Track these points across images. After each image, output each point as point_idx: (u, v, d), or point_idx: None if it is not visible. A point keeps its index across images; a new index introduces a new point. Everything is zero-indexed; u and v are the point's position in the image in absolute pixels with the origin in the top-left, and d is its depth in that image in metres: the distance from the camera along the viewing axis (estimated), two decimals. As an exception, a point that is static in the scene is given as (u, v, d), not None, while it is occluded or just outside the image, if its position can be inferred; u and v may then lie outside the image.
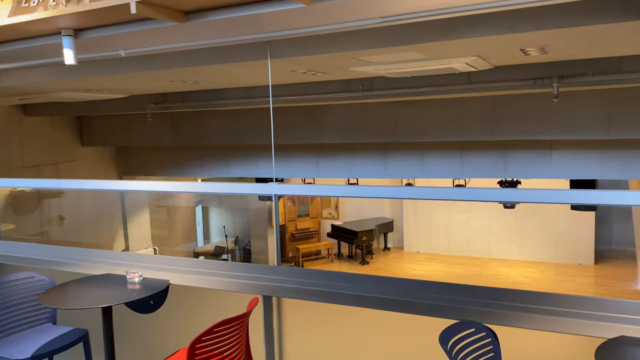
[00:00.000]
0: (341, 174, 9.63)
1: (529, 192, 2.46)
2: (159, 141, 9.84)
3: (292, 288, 2.82)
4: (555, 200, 2.41)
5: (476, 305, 2.46)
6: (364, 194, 2.75)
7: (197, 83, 5.64)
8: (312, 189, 3.03)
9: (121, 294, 3.07)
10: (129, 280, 3.14)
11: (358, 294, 2.69)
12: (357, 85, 5.87)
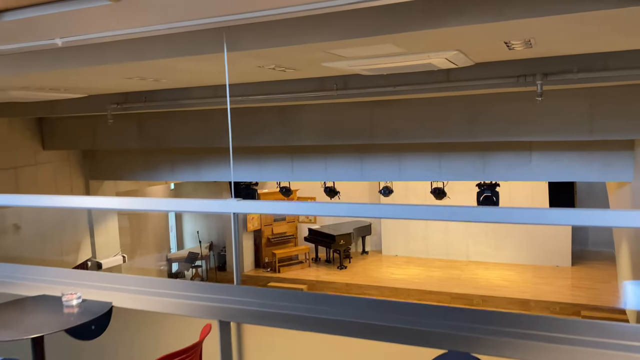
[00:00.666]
0: (317, 177, 9.29)
1: (524, 211, 2.17)
2: (124, 144, 9.35)
3: (255, 312, 2.45)
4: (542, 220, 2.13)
5: (464, 330, 2.14)
6: (333, 212, 2.43)
7: (159, 81, 5.24)
8: (275, 206, 2.68)
9: (56, 320, 2.66)
10: (66, 303, 2.73)
11: (331, 319, 2.34)
12: (331, 84, 5.55)
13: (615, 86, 5.75)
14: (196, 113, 8.32)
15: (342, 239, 15.53)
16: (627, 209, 7.71)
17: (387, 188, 12.10)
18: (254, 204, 2.76)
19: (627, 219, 2.08)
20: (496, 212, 2.19)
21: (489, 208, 2.24)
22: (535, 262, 14.91)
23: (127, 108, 6.85)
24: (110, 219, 12.13)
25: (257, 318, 2.42)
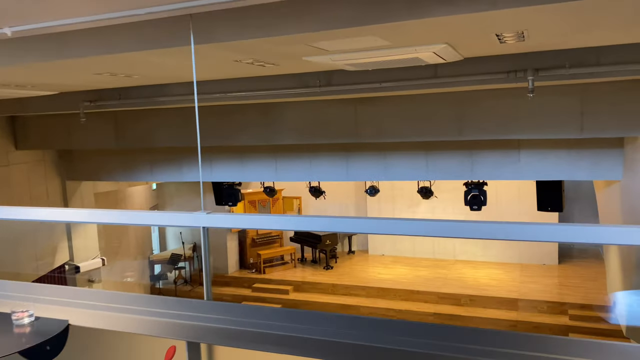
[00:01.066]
0: (301, 176, 9.05)
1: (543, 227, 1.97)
2: (101, 144, 9.00)
3: (227, 331, 2.20)
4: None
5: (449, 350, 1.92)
6: (308, 226, 2.20)
7: (131, 77, 4.95)
8: (247, 220, 2.44)
9: (4, 342, 2.37)
10: (16, 322, 2.45)
11: (312, 338, 2.10)
12: (314, 80, 5.31)
13: (607, 83, 5.60)
14: (175, 111, 8.01)
15: (328, 239, 15.32)
16: (615, 208, 7.60)
17: (373, 188, 11.90)
18: (225, 217, 2.51)
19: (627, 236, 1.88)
20: (497, 228, 1.98)
21: (486, 224, 2.03)
22: (522, 261, 14.85)
23: (101, 106, 6.53)
24: (88, 221, 11.74)
25: (230, 338, 2.17)
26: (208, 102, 5.90)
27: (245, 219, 2.46)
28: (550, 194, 8.74)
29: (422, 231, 2.06)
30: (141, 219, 3.11)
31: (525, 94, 6.03)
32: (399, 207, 16.17)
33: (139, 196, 15.38)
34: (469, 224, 2.05)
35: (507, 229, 2.03)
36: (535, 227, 2.02)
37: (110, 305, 2.46)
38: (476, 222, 2.07)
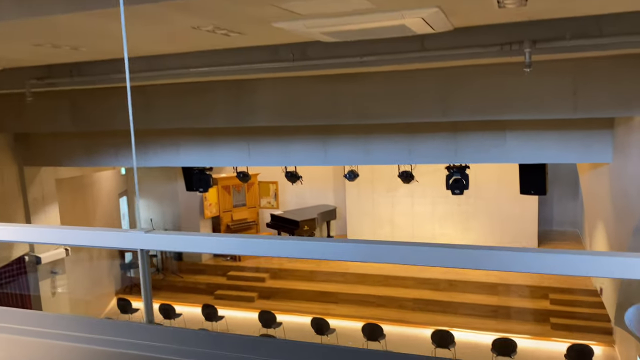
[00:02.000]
0: (276, 161, 8.53)
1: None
2: (57, 126, 8.29)
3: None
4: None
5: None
6: (265, 251, 1.74)
7: (78, 50, 4.33)
8: (193, 241, 1.93)
9: None
10: None
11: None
12: (287, 53, 4.77)
13: (604, 58, 5.23)
14: (135, 90, 7.36)
15: (306, 225, 14.88)
16: (603, 191, 7.33)
17: (352, 172, 11.46)
18: (166, 238, 2.00)
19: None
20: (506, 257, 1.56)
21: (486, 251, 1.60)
22: (502, 244, 14.69)
23: (51, 84, 5.86)
24: (50, 206, 11.01)
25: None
26: (169, 78, 5.31)
27: (189, 240, 1.96)
28: (534, 177, 8.45)
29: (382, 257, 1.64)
30: (58, 237, 2.54)
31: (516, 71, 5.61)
32: (378, 191, 15.82)
33: (106, 182, 14.62)
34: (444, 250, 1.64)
35: (506, 257, 1.60)
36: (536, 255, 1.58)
37: (21, 327, 1.94)
38: (464, 248, 1.65)
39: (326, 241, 1.77)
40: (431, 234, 15.55)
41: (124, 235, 1.93)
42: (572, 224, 16.12)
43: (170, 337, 1.82)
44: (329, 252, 1.71)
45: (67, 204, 11.97)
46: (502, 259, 1.62)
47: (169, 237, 1.99)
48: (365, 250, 1.67)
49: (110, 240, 2.06)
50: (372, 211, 16.08)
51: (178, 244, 2.01)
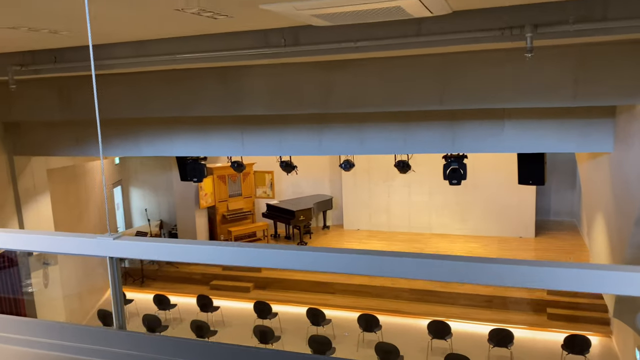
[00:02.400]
0: (271, 150, 8.35)
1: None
2: (46, 115, 8.09)
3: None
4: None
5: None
6: (240, 260, 1.60)
7: (58, 34, 4.13)
8: (164, 249, 1.77)
9: None
10: None
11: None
12: (278, 38, 4.58)
13: (607, 44, 5.06)
14: (124, 77, 7.17)
15: (302, 215, 14.76)
16: (603, 181, 7.19)
17: (348, 162, 11.31)
18: (135, 246, 1.84)
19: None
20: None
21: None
22: (499, 234, 14.63)
23: (35, 71, 5.66)
24: (41, 196, 10.83)
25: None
26: (155, 65, 5.12)
27: (160, 248, 1.80)
28: (532, 167, 8.31)
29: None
30: (19, 242, 2.36)
31: (516, 58, 5.44)
32: (375, 181, 15.69)
33: (99, 172, 14.42)
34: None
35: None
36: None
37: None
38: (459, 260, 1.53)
39: (295, 250, 1.61)
40: (428, 224, 15.46)
41: (91, 242, 1.77)
42: (569, 214, 16.04)
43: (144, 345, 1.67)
44: (297, 262, 1.57)
45: (59, 194, 11.78)
46: (498, 271, 1.48)
47: (140, 244, 1.83)
48: (357, 261, 1.53)
49: (75, 247, 1.89)
50: (368, 201, 15.96)
51: (149, 251, 1.84)
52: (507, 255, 13.18)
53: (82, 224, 13.03)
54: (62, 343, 1.70)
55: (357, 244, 14.91)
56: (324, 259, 1.58)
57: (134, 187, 16.82)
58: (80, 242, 1.85)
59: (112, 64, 5.23)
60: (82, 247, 1.85)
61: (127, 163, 16.60)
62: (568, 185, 15.91)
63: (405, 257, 1.57)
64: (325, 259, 1.57)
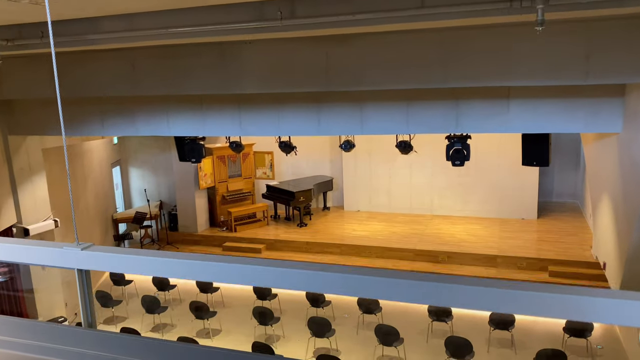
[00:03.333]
0: (269, 130, 8.15)
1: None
2: (38, 92, 7.87)
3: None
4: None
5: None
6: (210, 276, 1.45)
7: (38, 4, 3.90)
8: (134, 262, 1.59)
9: None
10: None
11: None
12: (274, 11, 4.35)
13: (620, 18, 4.82)
14: (117, 53, 6.94)
15: (302, 196, 14.62)
16: (611, 162, 7.00)
17: (348, 142, 11.11)
18: (106, 258, 1.65)
19: None
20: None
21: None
22: (501, 215, 14.49)
23: (22, 46, 5.44)
24: (36, 176, 10.68)
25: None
26: (147, 40, 4.90)
27: (130, 261, 1.62)
28: (537, 148, 8.12)
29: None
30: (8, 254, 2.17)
31: (524, 33, 5.20)
32: (376, 161, 15.49)
33: (98, 152, 14.26)
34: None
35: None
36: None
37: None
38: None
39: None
40: (429, 205, 15.32)
41: (56, 252, 1.59)
42: (572, 195, 15.87)
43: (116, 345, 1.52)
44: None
45: (55, 174, 11.63)
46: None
47: (110, 256, 1.65)
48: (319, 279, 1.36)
49: (38, 257, 1.71)
50: (369, 182, 15.80)
51: (119, 264, 1.66)
52: (508, 236, 13.07)
53: (80, 204, 12.92)
54: (28, 342, 1.55)
55: (357, 225, 14.80)
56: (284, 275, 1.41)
57: (133, 167, 16.66)
58: (44, 252, 1.66)
59: (101, 39, 5.02)
60: (47, 258, 1.67)
61: (126, 143, 16.41)
62: (571, 166, 15.71)
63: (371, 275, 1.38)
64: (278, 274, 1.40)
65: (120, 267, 1.62)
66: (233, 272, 1.48)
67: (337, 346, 9.72)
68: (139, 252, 1.58)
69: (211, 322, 10.64)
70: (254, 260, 1.56)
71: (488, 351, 9.27)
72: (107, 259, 1.58)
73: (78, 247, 1.53)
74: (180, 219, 15.29)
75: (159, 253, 1.61)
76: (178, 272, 1.53)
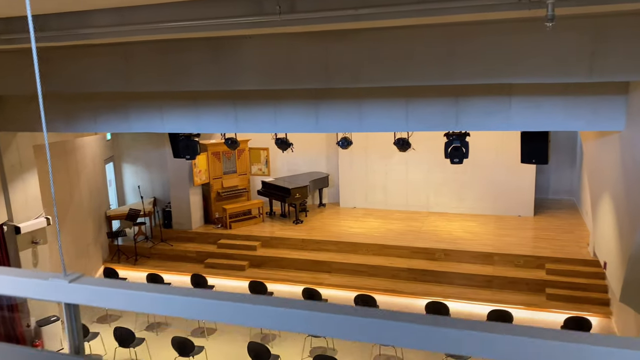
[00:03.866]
0: (265, 127, 8.01)
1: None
2: (27, 88, 7.67)
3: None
4: None
5: None
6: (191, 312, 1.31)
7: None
8: (123, 297, 1.43)
9: None
10: None
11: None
12: (273, 6, 4.21)
13: (626, 15, 4.71)
14: (110, 48, 6.76)
15: (297, 192, 14.49)
16: (612, 161, 6.92)
17: (345, 139, 10.99)
18: (96, 291, 1.49)
19: None
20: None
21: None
22: (497, 213, 14.44)
23: (9, 40, 5.26)
24: (28, 173, 10.48)
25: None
26: (139, 34, 4.74)
27: (131, 297, 1.47)
28: (536, 146, 8.03)
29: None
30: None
31: (528, 29, 5.09)
32: (372, 158, 15.38)
33: (90, 148, 14.05)
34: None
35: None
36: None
37: None
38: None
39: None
40: (425, 202, 15.24)
41: (42, 285, 1.44)
42: (568, 192, 15.85)
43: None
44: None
45: (47, 171, 11.42)
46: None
47: (101, 290, 1.49)
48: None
49: (22, 289, 1.55)
50: (365, 179, 15.69)
51: (111, 298, 1.50)
52: (504, 234, 13.02)
53: (73, 201, 12.72)
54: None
55: (353, 222, 14.70)
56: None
57: (127, 164, 16.45)
58: (28, 284, 1.50)
59: (92, 33, 4.85)
60: (31, 290, 1.51)
61: (120, 139, 16.20)
62: (567, 163, 15.68)
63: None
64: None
65: (113, 302, 1.48)
66: (227, 309, 1.34)
67: (333, 345, 9.64)
68: (132, 286, 1.43)
69: (206, 321, 10.51)
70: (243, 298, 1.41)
71: (486, 350, 9.22)
72: (97, 293, 1.44)
73: (66, 279, 1.37)
74: (174, 216, 15.12)
75: (155, 287, 1.47)
76: (174, 310, 1.40)
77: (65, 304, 1.42)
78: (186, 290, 1.38)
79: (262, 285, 10.87)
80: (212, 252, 13.82)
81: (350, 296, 10.53)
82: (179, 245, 14.39)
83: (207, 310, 1.32)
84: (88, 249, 13.41)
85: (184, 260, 13.89)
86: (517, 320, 9.41)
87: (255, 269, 13.13)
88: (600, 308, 10.09)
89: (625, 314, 8.70)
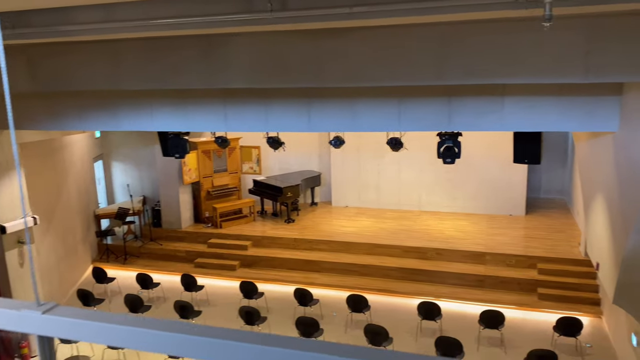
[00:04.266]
0: (256, 126, 7.89)
1: None
2: (14, 86, 7.46)
3: None
4: None
5: None
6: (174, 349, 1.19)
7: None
8: (110, 332, 1.32)
9: None
10: None
11: None
12: (264, 3, 4.10)
13: (621, 15, 4.66)
14: (96, 46, 6.60)
15: (289, 191, 14.38)
16: (605, 162, 6.89)
17: (338, 138, 10.89)
18: (71, 324, 1.36)
19: None
20: None
21: None
22: (489, 212, 14.44)
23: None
24: (14, 171, 10.26)
25: None
26: (127, 31, 4.60)
27: (107, 331, 1.35)
28: (529, 146, 8.00)
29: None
30: None
31: (523, 28, 5.03)
32: (364, 157, 15.31)
33: (79, 146, 13.83)
34: None
35: None
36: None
37: None
38: None
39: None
40: (417, 201, 15.20)
41: (13, 316, 1.32)
42: (559, 192, 15.90)
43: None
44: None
45: (35, 169, 11.22)
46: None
47: (75, 322, 1.36)
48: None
49: (7, 323, 1.42)
50: (357, 178, 15.62)
51: (87, 332, 1.38)
52: (496, 233, 13.01)
53: (61, 200, 12.51)
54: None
55: (345, 221, 14.62)
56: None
57: (116, 162, 16.23)
58: (9, 317, 1.37)
59: (77, 30, 4.70)
60: (2, 321, 1.39)
61: (109, 137, 15.97)
62: (559, 163, 15.72)
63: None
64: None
65: (87, 335, 1.36)
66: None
67: None
68: (109, 318, 1.32)
69: (196, 322, 10.38)
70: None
71: (478, 350, 9.19)
72: (72, 326, 1.32)
73: (39, 310, 1.26)
74: (164, 214, 14.94)
75: (133, 321, 1.36)
76: (154, 345, 1.29)
77: (38, 337, 1.30)
78: (168, 324, 1.28)
79: (253, 285, 10.76)
80: (202, 251, 13.68)
81: (342, 296, 10.46)
82: (169, 244, 14.22)
83: (190, 347, 1.22)
84: (77, 248, 13.21)
85: (173, 260, 13.73)
86: (508, 320, 9.39)
87: (246, 269, 13.01)
88: (591, 308, 10.11)
89: (616, 313, 8.72)
